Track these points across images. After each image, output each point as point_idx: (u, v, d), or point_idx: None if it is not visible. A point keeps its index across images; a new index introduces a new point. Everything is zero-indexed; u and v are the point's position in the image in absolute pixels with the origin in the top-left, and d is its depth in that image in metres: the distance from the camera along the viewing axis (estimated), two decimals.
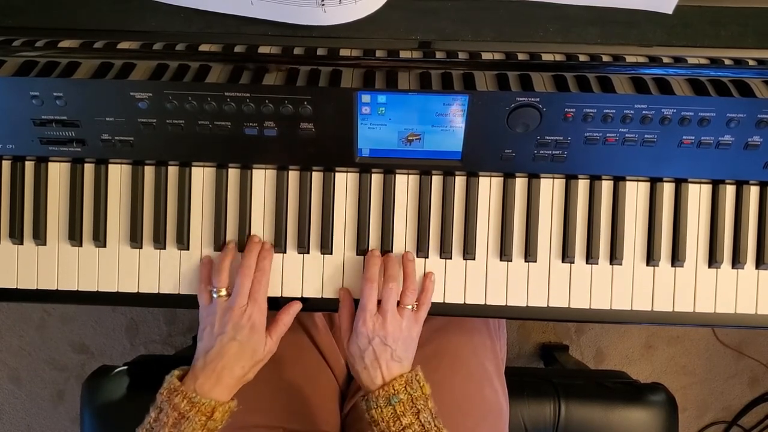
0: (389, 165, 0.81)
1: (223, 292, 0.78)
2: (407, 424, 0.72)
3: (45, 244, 0.83)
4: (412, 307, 0.79)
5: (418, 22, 0.69)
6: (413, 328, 0.79)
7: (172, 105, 0.73)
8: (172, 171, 0.83)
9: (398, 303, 0.78)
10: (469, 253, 0.82)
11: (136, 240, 0.82)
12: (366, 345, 0.76)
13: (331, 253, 0.83)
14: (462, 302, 0.83)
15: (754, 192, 0.82)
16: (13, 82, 0.73)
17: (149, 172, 0.83)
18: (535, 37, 0.69)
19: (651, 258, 0.82)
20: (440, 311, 0.82)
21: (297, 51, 0.70)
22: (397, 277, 0.79)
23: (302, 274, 0.83)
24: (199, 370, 0.75)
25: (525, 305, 0.83)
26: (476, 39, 0.69)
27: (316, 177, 0.83)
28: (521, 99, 0.72)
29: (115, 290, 0.83)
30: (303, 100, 0.72)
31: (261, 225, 0.83)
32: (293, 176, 0.83)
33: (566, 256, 0.82)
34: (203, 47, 0.70)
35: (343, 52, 0.70)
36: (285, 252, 0.83)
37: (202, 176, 0.83)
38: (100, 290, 0.83)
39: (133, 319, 1.67)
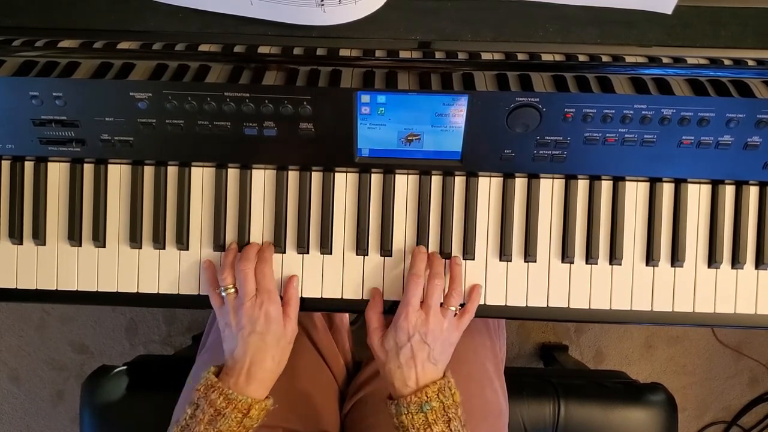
0: (389, 165, 0.81)
1: (231, 289, 0.78)
2: None
3: (44, 244, 0.83)
4: (455, 311, 0.78)
5: (417, 22, 0.69)
6: (453, 332, 0.78)
7: (172, 105, 0.73)
8: (172, 171, 0.83)
9: (441, 304, 0.78)
10: (468, 253, 0.82)
11: (135, 240, 0.82)
12: (405, 341, 0.74)
13: (331, 253, 0.83)
14: (462, 302, 0.83)
15: (753, 192, 0.82)
16: (12, 82, 0.73)
17: (149, 172, 0.83)
18: (534, 38, 0.69)
19: (650, 258, 0.82)
20: None
21: (296, 51, 0.70)
22: (443, 275, 0.78)
23: (302, 274, 0.83)
24: (230, 369, 0.75)
25: (525, 305, 0.83)
26: (476, 39, 0.69)
27: (316, 177, 0.83)
28: (521, 99, 0.72)
29: (115, 290, 0.83)
30: (302, 100, 0.72)
31: (260, 225, 0.83)
32: (293, 176, 0.83)
33: (566, 256, 0.82)
34: (203, 47, 0.70)
35: (343, 52, 0.70)
36: (285, 252, 0.83)
37: (201, 176, 0.83)
38: (99, 290, 0.83)
39: (133, 319, 1.67)
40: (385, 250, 0.82)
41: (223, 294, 0.79)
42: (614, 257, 0.82)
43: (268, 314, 0.76)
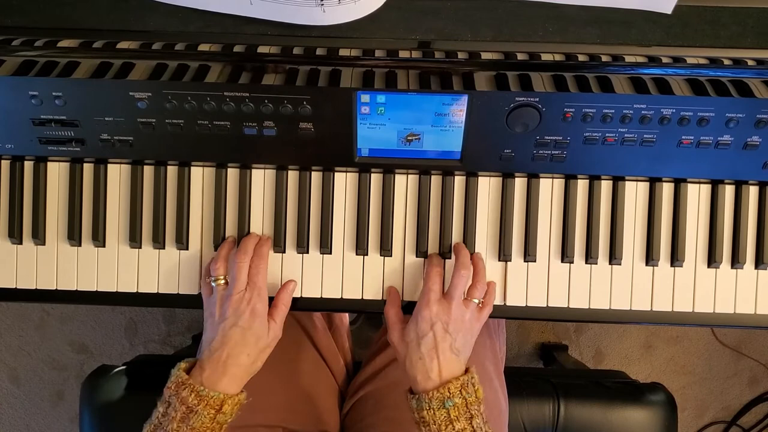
0: (388, 165, 0.81)
1: (222, 280, 0.78)
2: (460, 429, 0.70)
3: (44, 243, 0.83)
4: (479, 303, 0.78)
5: (417, 21, 0.69)
6: (475, 323, 0.77)
7: (172, 105, 0.73)
8: (172, 171, 0.83)
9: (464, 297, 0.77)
10: None
11: (135, 240, 0.82)
12: (426, 330, 0.73)
13: (331, 253, 0.83)
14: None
15: (753, 192, 0.82)
16: (12, 81, 0.73)
17: (148, 171, 0.83)
18: (534, 37, 0.69)
19: (650, 258, 0.82)
20: None
21: (296, 51, 0.70)
22: (470, 266, 0.78)
23: (301, 274, 0.83)
24: (205, 361, 0.73)
25: (524, 305, 0.83)
26: (475, 39, 0.69)
27: (316, 177, 0.83)
28: (520, 99, 0.72)
29: (114, 290, 0.83)
30: (302, 99, 0.72)
31: (260, 225, 0.83)
32: (292, 176, 0.83)
33: (565, 255, 0.82)
34: (202, 47, 0.70)
35: (343, 52, 0.70)
36: (284, 252, 0.83)
37: (201, 176, 0.83)
38: (99, 290, 0.83)
39: (133, 319, 1.67)
40: (385, 249, 0.82)
41: (213, 284, 0.78)
42: (614, 257, 0.82)
43: (255, 310, 0.75)
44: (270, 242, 0.81)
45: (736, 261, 0.82)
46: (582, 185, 0.82)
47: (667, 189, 0.82)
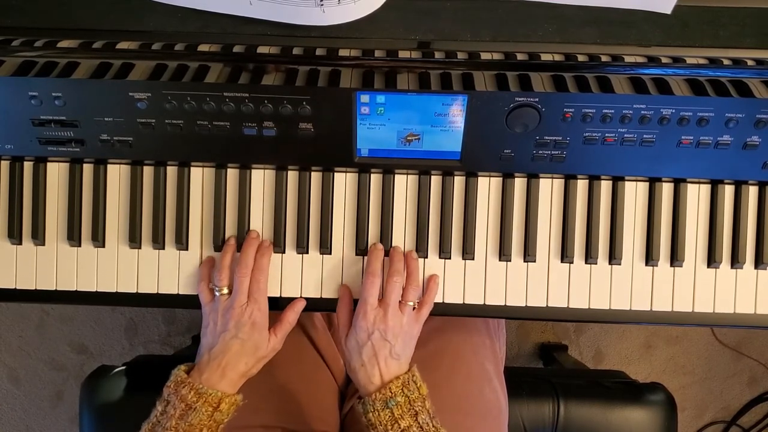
0: (388, 165, 0.81)
1: (225, 291, 0.79)
2: (405, 426, 0.72)
3: (44, 244, 0.83)
4: (414, 306, 0.79)
5: (417, 22, 0.69)
6: (413, 326, 0.79)
7: (171, 105, 0.73)
8: (171, 171, 0.83)
9: (400, 300, 0.78)
10: (468, 253, 0.82)
11: (135, 240, 0.82)
12: (365, 340, 0.75)
13: (330, 253, 0.83)
14: (461, 302, 0.83)
15: (753, 192, 0.82)
16: (11, 82, 0.73)
17: (148, 172, 0.83)
18: (533, 38, 0.69)
19: (650, 258, 0.82)
20: (440, 311, 0.83)
21: (296, 51, 0.70)
22: (402, 272, 0.79)
23: (301, 274, 0.83)
24: (204, 365, 0.76)
25: (524, 305, 0.83)
26: (475, 39, 0.69)
27: (315, 177, 0.83)
28: (520, 99, 0.72)
29: (114, 290, 0.83)
30: (302, 100, 0.72)
31: (260, 225, 0.83)
32: (292, 176, 0.83)
33: (565, 256, 0.82)
34: (202, 47, 0.70)
35: (342, 52, 0.70)
36: (284, 252, 0.83)
37: (201, 176, 0.83)
38: (99, 290, 0.83)
39: (132, 320, 1.67)
40: (385, 250, 0.82)
41: (217, 293, 0.79)
42: (614, 257, 0.82)
43: (255, 323, 0.77)
44: (270, 252, 0.82)
45: (735, 261, 0.82)
46: (582, 185, 0.82)
47: (666, 189, 0.82)
